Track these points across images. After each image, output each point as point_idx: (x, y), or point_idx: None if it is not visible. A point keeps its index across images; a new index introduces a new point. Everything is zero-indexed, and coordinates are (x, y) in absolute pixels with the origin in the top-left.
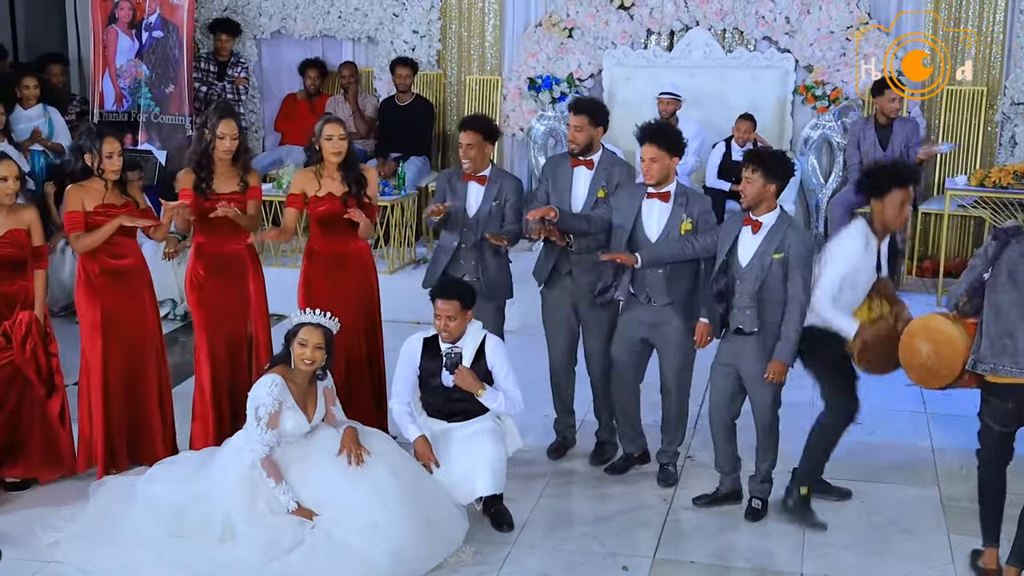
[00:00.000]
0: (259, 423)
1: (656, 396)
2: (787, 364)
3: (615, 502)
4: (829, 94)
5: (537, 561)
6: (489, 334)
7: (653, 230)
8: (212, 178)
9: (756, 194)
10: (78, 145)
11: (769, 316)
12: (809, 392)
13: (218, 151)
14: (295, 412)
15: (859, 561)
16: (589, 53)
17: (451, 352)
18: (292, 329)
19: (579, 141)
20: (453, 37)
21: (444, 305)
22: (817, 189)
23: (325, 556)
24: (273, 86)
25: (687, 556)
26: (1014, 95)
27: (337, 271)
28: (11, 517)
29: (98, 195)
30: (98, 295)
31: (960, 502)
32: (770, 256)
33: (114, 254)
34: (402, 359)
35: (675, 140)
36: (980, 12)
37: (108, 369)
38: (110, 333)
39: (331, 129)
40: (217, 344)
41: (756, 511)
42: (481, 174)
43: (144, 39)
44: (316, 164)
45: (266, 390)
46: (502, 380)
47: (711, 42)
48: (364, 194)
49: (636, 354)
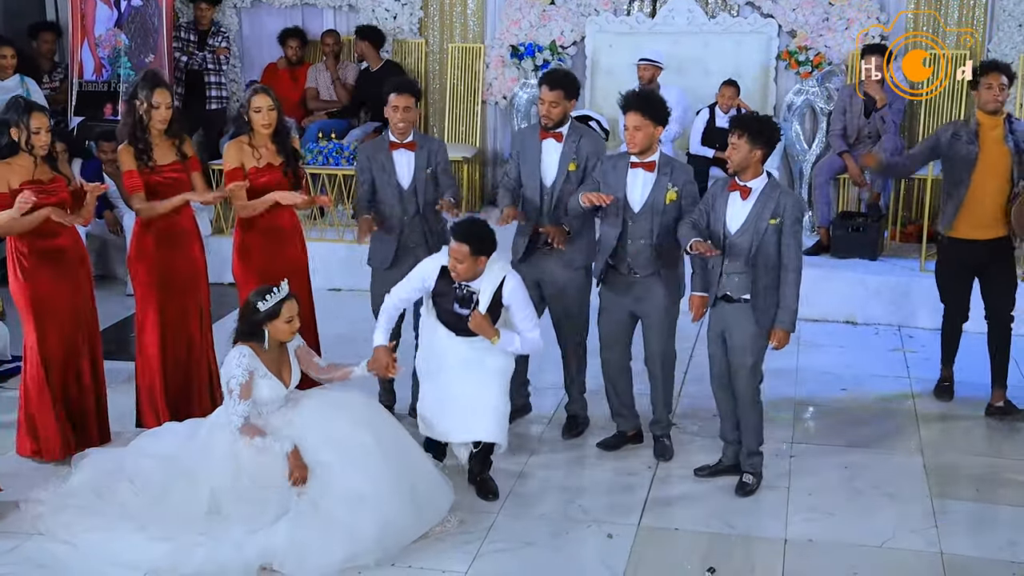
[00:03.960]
0: (231, 395)
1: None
2: (789, 331)
3: (601, 472)
4: (812, 59)
5: (523, 529)
6: (510, 274)
7: (636, 199)
8: (151, 150)
9: (742, 160)
10: (4, 120)
11: (762, 281)
12: (793, 359)
13: (154, 121)
14: (269, 379)
15: (843, 525)
16: (572, 20)
17: (465, 290)
18: (270, 310)
19: (554, 116)
20: (435, 5)
21: (455, 246)
22: (801, 155)
23: (311, 526)
24: (254, 55)
25: (672, 524)
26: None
27: (273, 240)
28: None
29: (26, 172)
30: (30, 278)
31: (942, 467)
32: (765, 221)
33: (45, 232)
34: (413, 275)
35: (659, 108)
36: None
37: (46, 354)
38: (45, 317)
39: (260, 100)
40: (168, 316)
41: (746, 485)
42: (408, 140)
43: (123, 8)
44: (246, 134)
45: (235, 362)
46: (519, 322)
47: (694, 8)
48: (299, 164)
49: (623, 329)
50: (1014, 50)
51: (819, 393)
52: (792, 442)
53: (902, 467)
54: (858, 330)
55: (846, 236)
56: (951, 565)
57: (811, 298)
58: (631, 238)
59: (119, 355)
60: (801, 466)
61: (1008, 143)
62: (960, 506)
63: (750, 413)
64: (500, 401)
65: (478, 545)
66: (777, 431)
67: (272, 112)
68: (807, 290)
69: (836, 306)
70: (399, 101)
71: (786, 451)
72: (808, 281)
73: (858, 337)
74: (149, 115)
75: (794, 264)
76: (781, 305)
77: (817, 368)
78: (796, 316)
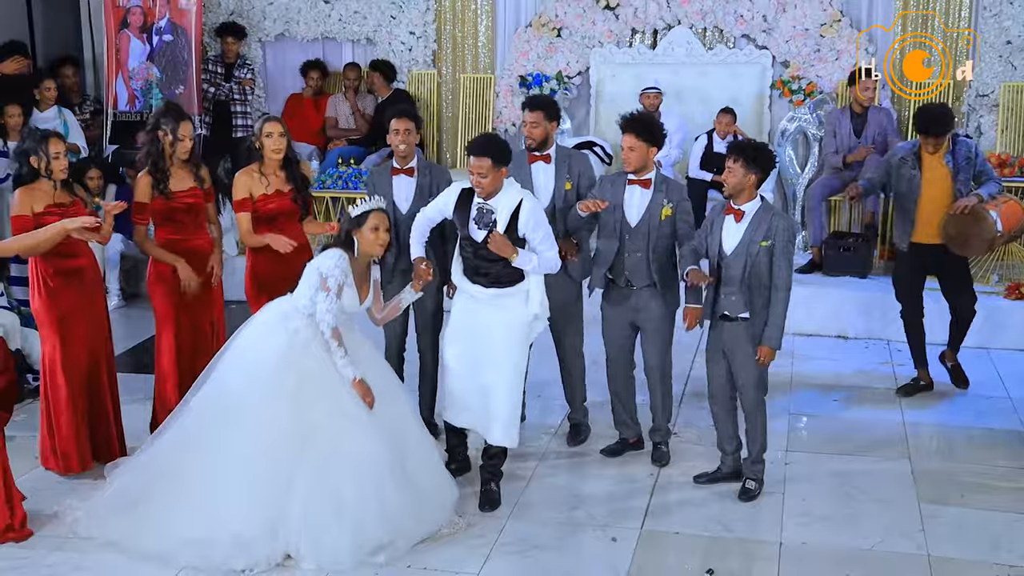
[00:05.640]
0: (329, 293)
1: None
2: (775, 348)
3: (605, 480)
4: (804, 88)
5: (531, 533)
6: (527, 196)
7: (633, 215)
8: (168, 179)
9: (737, 183)
10: (23, 149)
11: (756, 301)
12: (788, 371)
13: (178, 152)
14: (353, 290)
15: (836, 529)
16: (577, 51)
17: (483, 208)
18: (356, 218)
19: (536, 136)
20: (448, 37)
21: (476, 162)
22: (794, 178)
23: (321, 502)
24: (278, 86)
25: (673, 528)
26: (979, 87)
27: (282, 261)
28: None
29: (47, 196)
30: (54, 297)
31: (929, 473)
32: (757, 244)
33: (66, 254)
34: (439, 199)
35: (652, 130)
36: (947, 9)
37: (68, 370)
38: (68, 333)
39: (271, 127)
40: (182, 335)
41: (749, 491)
42: (409, 166)
43: (155, 42)
44: (257, 162)
45: (335, 262)
46: (537, 243)
47: (693, 40)
48: (308, 192)
49: (626, 340)
50: (995, 79)
51: (812, 403)
52: (787, 450)
53: (891, 474)
54: (849, 344)
55: (837, 255)
56: (937, 567)
57: (805, 313)
58: (628, 251)
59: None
60: (795, 473)
61: (948, 163)
62: (946, 511)
63: (756, 424)
64: (513, 404)
65: (488, 548)
66: (773, 440)
67: (283, 138)
68: (802, 306)
69: (828, 321)
70: (399, 125)
71: (781, 459)
72: (802, 297)
73: (849, 351)
74: (174, 147)
75: (784, 284)
76: (769, 323)
77: (811, 380)
78: (782, 334)
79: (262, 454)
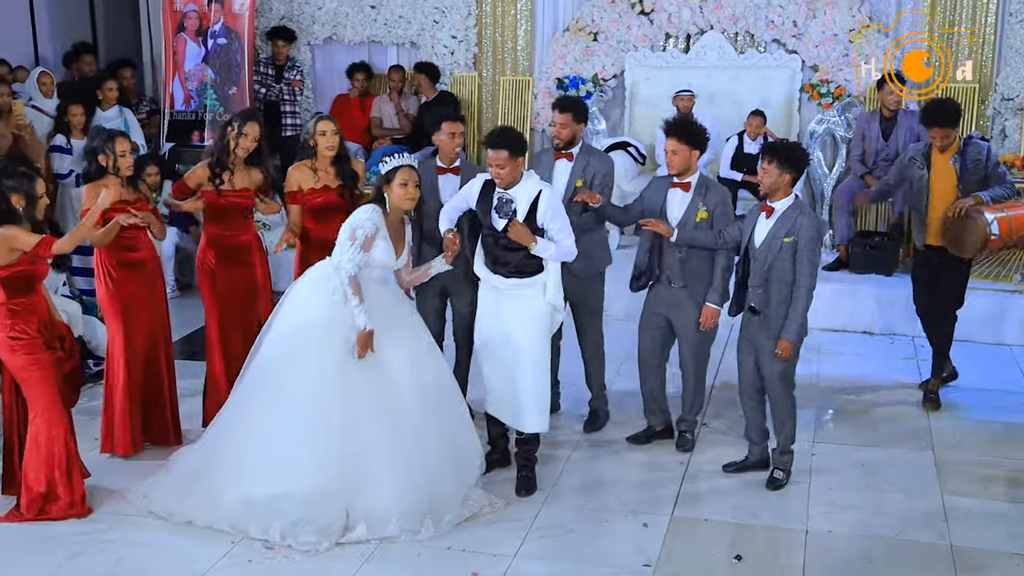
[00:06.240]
0: (353, 243)
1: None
2: (794, 343)
3: (636, 467)
4: (833, 91)
5: (565, 518)
6: (545, 188)
7: (674, 216)
8: (223, 175)
9: (772, 183)
10: (92, 148)
11: (774, 295)
12: (814, 366)
13: (239, 148)
14: (387, 243)
15: (860, 518)
16: (612, 55)
17: (503, 197)
18: (386, 174)
19: (564, 136)
20: (488, 41)
21: (494, 154)
22: (822, 179)
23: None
24: (325, 87)
25: (702, 515)
26: (1004, 91)
27: (329, 252)
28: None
29: (115, 192)
30: (118, 288)
31: (952, 465)
32: (780, 239)
33: (128, 247)
34: (463, 190)
35: (695, 134)
36: (973, 14)
37: (131, 355)
38: (131, 322)
39: (324, 125)
40: (228, 328)
41: (776, 480)
42: (455, 165)
43: (210, 46)
44: (310, 159)
45: (366, 216)
46: (556, 232)
47: (724, 44)
48: (357, 187)
49: (660, 333)
50: (1020, 83)
51: (838, 397)
52: (813, 442)
53: (915, 465)
54: (875, 340)
55: (864, 253)
56: (960, 557)
57: (832, 310)
58: (667, 252)
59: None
60: (821, 464)
61: (955, 164)
62: (969, 502)
63: (783, 416)
64: (537, 392)
65: (524, 532)
66: (800, 431)
67: (335, 136)
68: (829, 302)
69: (854, 317)
70: (454, 128)
71: (808, 449)
72: (829, 294)
73: (875, 346)
74: (236, 142)
75: (806, 281)
76: (789, 317)
77: (837, 374)
78: (802, 329)
79: (318, 412)
